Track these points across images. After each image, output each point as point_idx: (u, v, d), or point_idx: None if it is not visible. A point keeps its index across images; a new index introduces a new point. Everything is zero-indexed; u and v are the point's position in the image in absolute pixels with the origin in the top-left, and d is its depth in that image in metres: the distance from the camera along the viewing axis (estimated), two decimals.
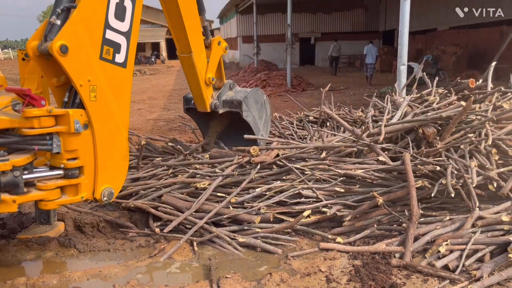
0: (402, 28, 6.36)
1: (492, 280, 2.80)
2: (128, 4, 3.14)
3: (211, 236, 3.49)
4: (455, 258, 3.04)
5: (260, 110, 4.92)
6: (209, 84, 4.60)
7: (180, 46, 4.39)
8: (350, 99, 12.07)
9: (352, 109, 8.05)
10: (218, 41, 4.58)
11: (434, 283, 2.86)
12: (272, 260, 3.28)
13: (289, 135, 6.83)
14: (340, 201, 3.76)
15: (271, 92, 15.00)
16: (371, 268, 3.01)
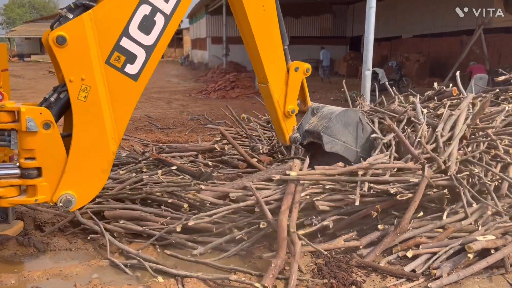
0: (368, 35, 6.54)
1: (451, 279, 2.94)
2: (160, 20, 3.02)
3: (169, 241, 3.47)
4: (422, 262, 3.13)
5: (354, 131, 4.24)
6: (288, 116, 4.11)
7: (258, 75, 4.08)
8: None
9: None
10: (295, 67, 3.98)
11: (392, 281, 2.97)
12: (235, 260, 3.31)
13: (256, 137, 6.88)
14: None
15: (239, 93, 15.06)
16: (333, 266, 3.10)
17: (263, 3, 3.67)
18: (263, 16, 3.70)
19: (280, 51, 3.91)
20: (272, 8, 3.75)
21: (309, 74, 4.10)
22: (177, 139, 7.34)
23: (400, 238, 3.31)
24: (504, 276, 3.05)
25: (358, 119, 4.24)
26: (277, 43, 3.88)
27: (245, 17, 3.65)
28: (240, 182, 3.89)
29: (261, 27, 3.73)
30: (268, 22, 3.76)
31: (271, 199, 3.54)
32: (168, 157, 5.24)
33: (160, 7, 2.99)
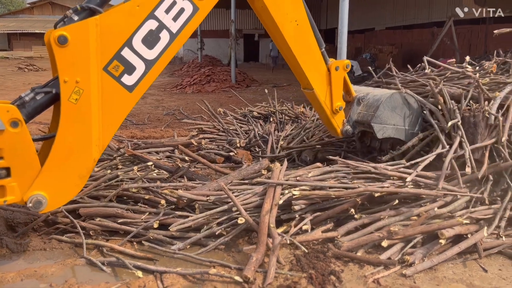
0: (341, 27, 6.59)
1: (425, 265, 3.01)
2: (165, 37, 3.07)
3: (146, 238, 3.42)
4: (398, 250, 3.18)
5: (401, 112, 4.39)
6: (336, 112, 4.29)
7: (302, 82, 4.24)
8: (292, 95, 12.29)
9: (294, 105, 8.23)
10: (335, 67, 4.14)
11: (369, 269, 3.02)
12: (214, 254, 3.30)
13: (233, 131, 6.87)
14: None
15: (216, 87, 14.96)
16: (311, 258, 3.12)
17: (296, 18, 3.80)
18: (298, 30, 3.84)
19: (319, 56, 4.05)
20: (304, 20, 3.87)
21: (349, 70, 4.26)
22: (152, 135, 7.25)
23: (375, 227, 3.36)
24: (477, 261, 3.13)
25: (403, 99, 4.39)
26: (315, 50, 4.01)
27: (282, 36, 3.80)
28: (217, 184, 3.87)
29: (298, 41, 3.87)
30: (303, 34, 3.89)
31: (249, 202, 3.54)
32: (144, 153, 5.18)
33: (167, 25, 3.06)
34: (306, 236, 3.36)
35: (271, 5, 3.65)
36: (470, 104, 4.29)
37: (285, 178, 3.75)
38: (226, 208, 3.54)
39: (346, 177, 3.90)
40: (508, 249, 3.23)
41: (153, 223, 3.43)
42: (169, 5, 3.07)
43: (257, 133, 6.39)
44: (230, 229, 3.44)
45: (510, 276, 2.93)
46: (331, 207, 3.61)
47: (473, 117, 4.07)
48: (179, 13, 3.11)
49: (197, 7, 3.19)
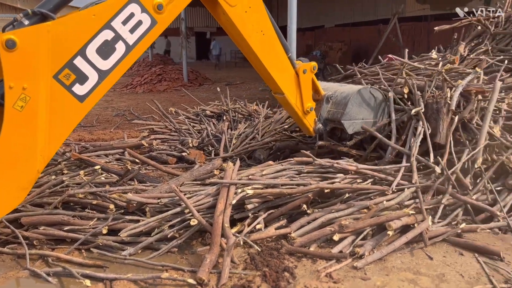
0: (290, 25, 6.63)
1: (375, 256, 3.09)
2: (121, 48, 3.01)
3: (95, 244, 3.30)
4: (349, 243, 3.24)
5: (368, 106, 4.59)
6: (308, 113, 4.45)
7: (272, 88, 4.34)
8: (246, 93, 12.32)
9: (247, 103, 8.23)
10: (303, 70, 4.27)
11: (322, 263, 3.06)
12: (167, 258, 3.23)
13: (185, 130, 6.78)
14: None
15: (167, 86, 14.71)
16: (265, 255, 3.13)
17: (261, 28, 3.87)
18: (264, 40, 3.92)
19: (286, 61, 4.16)
20: (270, 29, 3.95)
21: (316, 71, 4.39)
22: (101, 137, 7.01)
23: (327, 221, 3.42)
24: (424, 249, 3.26)
25: (369, 94, 4.58)
26: (282, 56, 4.12)
27: (249, 47, 3.87)
28: (168, 186, 3.79)
29: (265, 50, 3.96)
30: (270, 43, 3.98)
31: (202, 203, 3.50)
32: (92, 156, 5.00)
33: (123, 36, 3.02)
34: (260, 234, 3.36)
35: (236, 19, 3.70)
36: (433, 92, 4.52)
37: (238, 178, 3.73)
38: (179, 210, 3.47)
39: (299, 175, 3.96)
40: (451, 236, 3.37)
41: (101, 229, 3.31)
42: (127, 17, 3.03)
43: (210, 132, 6.34)
44: (183, 231, 3.38)
45: (453, 262, 3.07)
46: (284, 204, 3.63)
47: (435, 103, 4.28)
48: (136, 25, 3.09)
49: (156, 21, 3.17)
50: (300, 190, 3.57)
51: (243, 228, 3.37)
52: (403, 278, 2.88)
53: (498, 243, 3.32)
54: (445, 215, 3.69)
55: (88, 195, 3.74)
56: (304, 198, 3.57)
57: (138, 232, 3.34)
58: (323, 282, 2.84)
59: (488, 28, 6.80)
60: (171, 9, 3.26)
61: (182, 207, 3.46)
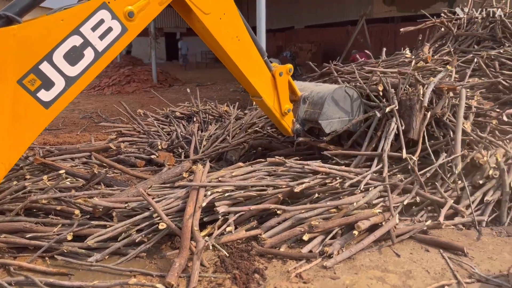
0: (259, 26, 6.66)
1: (344, 255, 3.12)
2: (89, 54, 2.95)
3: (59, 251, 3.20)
4: (318, 242, 3.27)
5: (344, 104, 4.69)
6: (285, 114, 4.50)
7: (249, 91, 4.37)
8: (216, 94, 12.27)
9: (218, 104, 8.19)
10: (279, 73, 4.30)
11: (292, 264, 3.07)
12: (135, 263, 3.17)
13: (154, 132, 6.68)
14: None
15: (136, 88, 14.48)
16: (235, 257, 3.11)
17: (236, 34, 3.89)
18: (240, 45, 3.94)
19: (262, 65, 4.19)
20: (245, 34, 3.97)
21: (292, 73, 4.44)
22: (67, 140, 6.82)
23: (297, 222, 3.43)
24: (391, 247, 3.31)
25: (345, 93, 4.68)
26: (258, 60, 4.15)
27: (225, 53, 3.88)
28: (136, 190, 3.72)
29: (241, 55, 3.98)
30: (245, 48, 4.00)
31: (171, 206, 3.46)
32: (57, 160, 4.85)
33: (92, 42, 2.97)
34: (230, 236, 3.34)
35: (211, 26, 3.70)
36: (407, 89, 4.66)
37: (208, 180, 3.70)
38: (148, 214, 3.41)
39: (269, 176, 3.96)
40: (418, 233, 3.44)
41: (66, 235, 3.21)
42: (96, 23, 2.98)
43: (180, 134, 6.27)
44: (152, 236, 3.32)
45: (420, 259, 3.14)
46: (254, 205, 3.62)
47: (409, 100, 4.40)
48: (106, 32, 3.04)
49: (126, 28, 3.14)
50: (273, 192, 3.58)
51: (213, 231, 3.34)
52: (372, 276, 2.92)
53: (462, 239, 3.41)
54: (413, 213, 3.78)
55: (52, 200, 3.62)
56: (274, 199, 3.58)
57: (105, 237, 3.26)
58: (293, 282, 2.84)
59: (451, 30, 7.01)
60: (142, 16, 3.25)
61: (150, 211, 3.40)
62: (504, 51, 5.90)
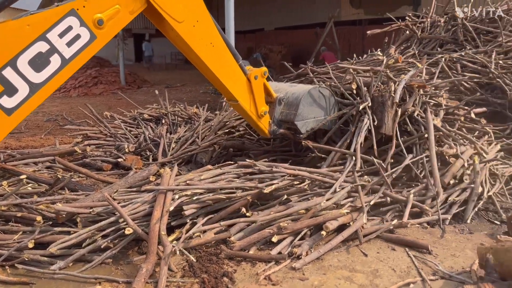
0: (228, 27, 6.64)
1: (313, 256, 3.14)
2: (56, 61, 2.90)
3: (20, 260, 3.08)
4: (288, 244, 3.28)
5: (319, 104, 4.75)
6: (262, 117, 4.54)
7: (225, 96, 4.42)
8: (186, 96, 12.16)
9: (187, 106, 8.11)
10: (254, 76, 4.33)
11: (261, 266, 3.06)
12: (101, 269, 3.08)
13: (121, 135, 6.55)
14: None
15: (103, 90, 14.19)
16: (204, 261, 3.08)
17: (210, 40, 3.90)
18: (214, 51, 3.95)
19: (238, 69, 4.22)
20: (219, 40, 3.98)
21: (267, 76, 4.49)
22: (30, 144, 6.59)
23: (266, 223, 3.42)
24: (359, 246, 3.35)
25: (319, 93, 4.75)
26: (233, 65, 4.17)
27: (200, 59, 3.89)
28: (101, 195, 3.63)
29: (216, 60, 3.99)
30: (220, 53, 4.02)
31: (138, 211, 3.38)
32: (19, 165, 4.68)
33: (59, 49, 2.92)
34: (199, 240, 3.31)
35: (185, 34, 3.70)
36: (379, 86, 4.80)
37: (176, 183, 3.65)
38: (114, 219, 3.32)
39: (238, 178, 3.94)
40: (384, 233, 3.50)
41: (27, 242, 3.09)
42: (64, 30, 2.93)
43: (148, 137, 6.17)
44: (118, 241, 3.24)
45: (386, 257, 3.19)
46: (223, 208, 3.60)
47: (381, 97, 4.52)
48: (74, 39, 3.00)
49: (95, 36, 3.10)
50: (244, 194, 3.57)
51: (181, 235, 3.29)
52: (340, 276, 2.94)
53: (427, 237, 3.49)
54: (381, 212, 3.84)
55: (12, 207, 3.48)
56: (243, 201, 3.56)
57: (69, 244, 3.16)
58: (262, 285, 2.83)
59: (416, 33, 7.19)
60: (112, 25, 3.22)
61: (116, 216, 3.32)
62: (466, 54, 6.11)
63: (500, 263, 2.51)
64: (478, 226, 3.69)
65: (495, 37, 6.50)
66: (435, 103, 4.97)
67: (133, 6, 3.32)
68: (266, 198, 3.77)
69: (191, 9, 3.71)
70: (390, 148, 4.34)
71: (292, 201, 3.77)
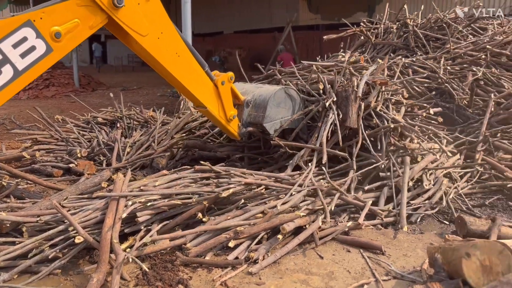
0: (185, 30, 6.57)
1: (269, 260, 3.12)
2: (8, 72, 2.87)
3: None
4: (244, 248, 3.25)
5: (285, 104, 4.85)
6: (231, 120, 4.59)
7: (194, 103, 4.49)
8: (143, 99, 11.91)
9: (143, 109, 7.93)
10: (221, 82, 4.36)
11: (218, 272, 3.02)
12: (49, 281, 2.94)
13: (74, 140, 6.31)
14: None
15: (56, 92, 13.66)
16: (159, 268, 3.00)
17: (175, 51, 3.90)
18: (180, 61, 3.96)
19: (204, 76, 4.23)
20: (184, 50, 3.98)
21: (233, 81, 4.52)
22: None
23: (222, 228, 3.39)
24: (315, 249, 3.37)
25: (285, 93, 4.85)
26: (199, 72, 4.18)
27: (166, 70, 3.89)
28: (50, 202, 3.47)
29: (182, 70, 4.01)
30: (186, 62, 4.02)
31: (89, 218, 3.27)
32: None
33: (12, 60, 2.85)
34: (154, 247, 3.22)
35: (150, 47, 3.69)
36: (342, 81, 4.98)
37: (129, 189, 3.55)
38: (63, 228, 3.19)
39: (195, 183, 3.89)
40: (340, 235, 3.55)
41: None
42: (19, 40, 2.86)
43: (102, 141, 5.97)
44: (68, 251, 3.11)
45: (341, 259, 3.23)
46: (179, 214, 3.53)
47: (344, 91, 4.69)
48: (29, 51, 2.93)
49: (51, 49, 3.03)
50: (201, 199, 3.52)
51: (134, 243, 3.19)
52: (296, 280, 2.95)
53: (380, 238, 3.57)
54: (337, 214, 3.91)
55: None
56: (200, 206, 3.51)
57: (14, 255, 2.99)
58: None
59: (370, 39, 7.39)
60: (70, 38, 3.16)
61: (66, 224, 3.18)
62: (417, 59, 6.34)
63: (448, 262, 2.59)
64: (428, 226, 3.81)
65: (444, 43, 6.79)
66: (396, 100, 5.22)
67: (93, 21, 3.29)
68: (223, 202, 3.74)
69: (155, 21, 3.70)
70: (356, 143, 4.54)
71: (249, 205, 3.76)
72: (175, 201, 3.47)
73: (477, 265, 2.39)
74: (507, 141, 5.16)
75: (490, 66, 6.17)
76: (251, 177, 3.92)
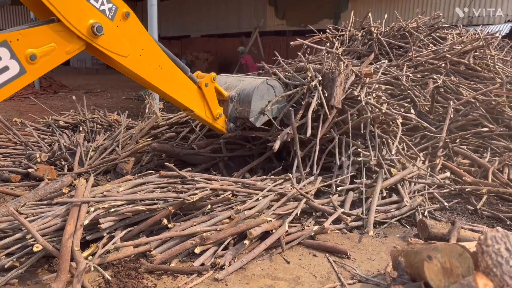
0: (151, 33, 6.47)
1: (235, 266, 3.10)
2: None
3: None
4: (211, 254, 3.21)
5: (268, 96, 4.99)
6: (218, 118, 4.72)
7: (181, 107, 4.57)
8: (107, 102, 11.64)
9: (107, 113, 7.74)
10: (205, 84, 4.47)
11: (183, 279, 2.97)
12: None
13: (34, 143, 6.08)
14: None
15: (15, 94, 13.11)
16: (122, 276, 2.93)
17: (158, 63, 3.96)
18: (163, 72, 4.01)
19: (188, 82, 4.31)
20: (166, 61, 4.03)
21: (216, 81, 4.62)
22: None
23: (188, 234, 3.34)
24: (281, 254, 3.38)
25: (267, 85, 5.00)
26: (183, 79, 4.26)
27: (150, 83, 3.96)
28: (6, 209, 3.31)
29: (166, 80, 4.07)
30: (169, 73, 4.08)
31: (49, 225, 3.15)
32: None
33: None
34: (117, 254, 3.13)
35: (133, 66, 3.76)
36: (329, 64, 5.31)
37: (92, 195, 3.44)
38: (20, 236, 3.05)
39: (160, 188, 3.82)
40: (306, 239, 3.57)
41: None
42: None
43: (63, 145, 5.78)
44: (25, 259, 2.98)
45: (308, 264, 3.25)
46: (144, 220, 3.46)
47: (331, 73, 4.90)
48: (1, 71, 2.91)
49: (25, 70, 3.02)
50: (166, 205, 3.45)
51: (97, 250, 3.10)
52: (262, 285, 2.94)
53: (346, 242, 3.62)
54: (302, 218, 3.93)
55: None
56: (165, 212, 3.45)
57: None
58: None
59: (335, 45, 7.50)
60: (45, 61, 3.15)
61: (23, 232, 3.05)
62: (380, 67, 6.49)
63: (410, 265, 2.65)
64: (392, 230, 3.89)
65: (406, 51, 6.99)
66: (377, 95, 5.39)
67: (70, 47, 3.29)
68: (189, 208, 3.69)
69: (135, 39, 3.72)
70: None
71: (216, 210, 3.73)
72: (140, 207, 3.39)
73: (438, 267, 2.44)
74: (465, 146, 5.37)
75: (450, 74, 6.41)
76: (216, 183, 3.88)
